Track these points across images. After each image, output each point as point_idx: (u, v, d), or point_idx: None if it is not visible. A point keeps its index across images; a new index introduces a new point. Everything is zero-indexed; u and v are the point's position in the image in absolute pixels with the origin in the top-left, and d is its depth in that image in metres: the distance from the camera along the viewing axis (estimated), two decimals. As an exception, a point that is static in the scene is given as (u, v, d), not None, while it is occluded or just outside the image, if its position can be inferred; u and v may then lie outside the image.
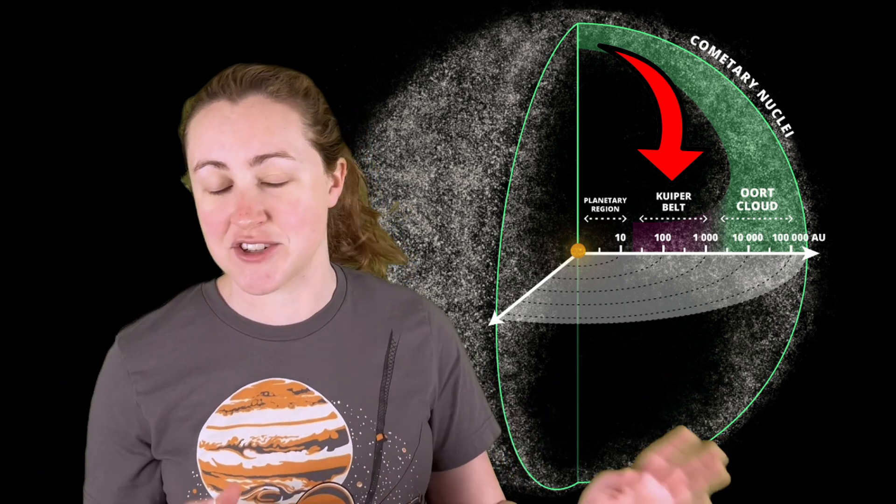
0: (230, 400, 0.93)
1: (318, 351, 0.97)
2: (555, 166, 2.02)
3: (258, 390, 0.94)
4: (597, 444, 2.05)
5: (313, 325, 0.98)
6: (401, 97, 2.01)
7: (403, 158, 2.01)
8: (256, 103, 0.90)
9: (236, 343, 0.96)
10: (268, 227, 0.89)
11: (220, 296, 1.00)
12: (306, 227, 0.91)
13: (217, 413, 0.93)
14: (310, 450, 0.93)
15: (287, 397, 0.95)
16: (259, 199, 0.88)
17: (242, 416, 0.93)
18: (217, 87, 0.91)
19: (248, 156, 0.87)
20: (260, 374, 0.95)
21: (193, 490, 0.92)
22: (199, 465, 0.92)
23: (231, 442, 0.92)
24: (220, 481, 0.92)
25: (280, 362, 0.96)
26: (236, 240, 0.89)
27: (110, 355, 0.97)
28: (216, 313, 0.98)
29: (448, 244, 2.03)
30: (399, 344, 1.01)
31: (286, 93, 0.92)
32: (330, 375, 0.96)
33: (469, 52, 2.01)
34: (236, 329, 0.97)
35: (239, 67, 0.92)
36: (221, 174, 0.88)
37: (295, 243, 0.90)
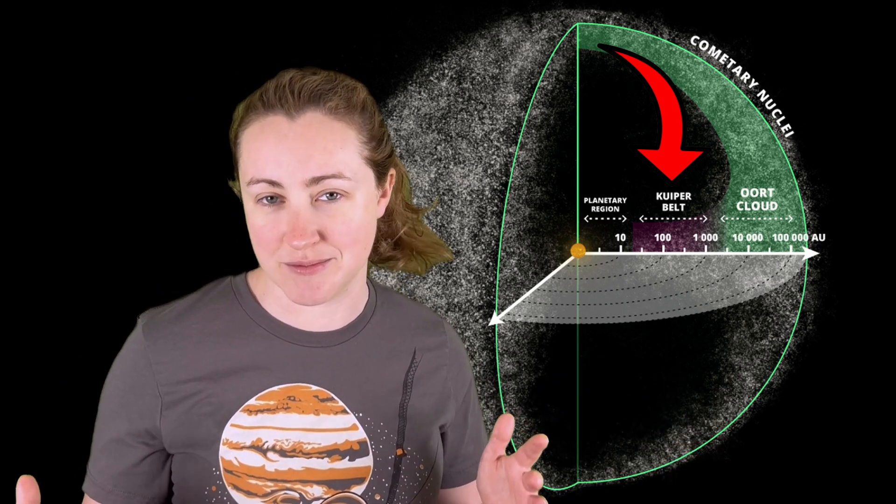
0: (255, 400, 0.93)
1: (346, 361, 0.97)
2: (555, 166, 2.02)
3: (285, 394, 0.94)
4: (597, 444, 2.05)
5: (344, 335, 0.98)
6: (401, 97, 2.01)
7: (403, 158, 2.01)
8: (314, 121, 0.88)
9: (265, 344, 0.95)
10: (322, 247, 0.88)
11: (252, 293, 0.98)
12: (359, 245, 0.91)
13: (241, 412, 0.92)
14: (331, 458, 0.93)
15: (313, 404, 0.94)
16: (313, 220, 0.87)
17: (267, 419, 0.93)
18: (274, 99, 0.89)
19: (304, 177, 0.86)
20: (287, 378, 0.94)
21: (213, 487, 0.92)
22: (222, 462, 0.92)
23: (255, 443, 0.92)
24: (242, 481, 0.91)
25: (308, 368, 0.95)
26: (290, 260, 0.88)
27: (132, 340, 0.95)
28: (246, 311, 0.97)
29: (448, 244, 2.03)
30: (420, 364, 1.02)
31: (344, 109, 0.90)
32: (354, 387, 0.96)
33: (469, 52, 2.01)
34: (266, 329, 0.96)
35: (296, 77, 0.91)
36: (276, 191, 0.87)
37: (347, 259, 0.90)
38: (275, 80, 0.91)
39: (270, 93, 0.90)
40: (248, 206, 0.91)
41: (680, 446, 2.04)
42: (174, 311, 0.97)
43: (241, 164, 0.91)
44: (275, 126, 0.88)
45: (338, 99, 0.90)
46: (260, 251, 0.90)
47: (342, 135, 0.89)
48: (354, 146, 0.90)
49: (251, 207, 0.90)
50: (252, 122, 0.90)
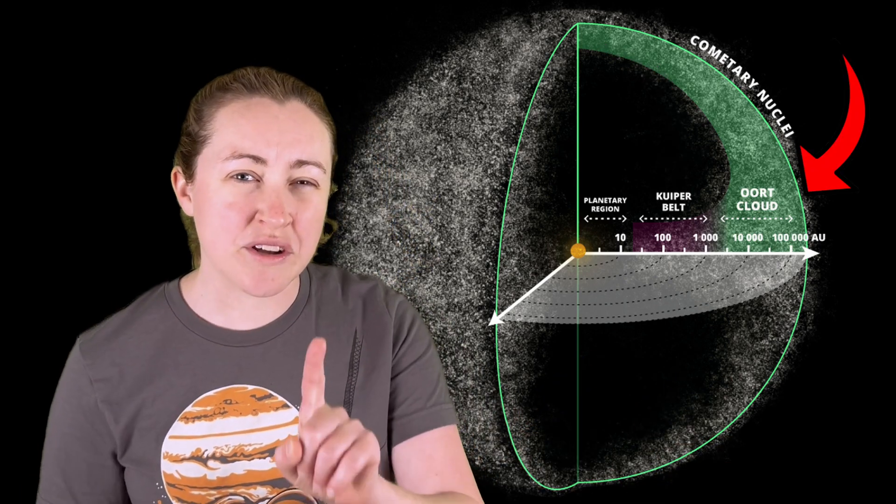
0: (192, 407, 0.93)
1: (282, 355, 0.96)
2: (555, 166, 2.02)
3: (221, 398, 0.93)
4: (597, 444, 2.05)
5: (276, 329, 0.97)
6: (401, 97, 2.01)
7: (403, 158, 2.01)
8: (301, 110, 0.92)
9: (199, 349, 0.95)
10: (289, 231, 0.89)
11: (184, 299, 0.98)
12: (313, 238, 0.93)
13: (179, 421, 0.92)
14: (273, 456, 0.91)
15: (250, 404, 0.94)
16: (289, 202, 0.89)
17: (205, 426, 0.92)
18: (258, 83, 0.91)
19: (291, 158, 0.88)
20: (223, 381, 0.94)
21: (158, 501, 0.92)
22: (164, 476, 0.91)
23: (194, 453, 0.92)
24: (185, 493, 0.91)
25: (243, 368, 0.94)
26: (255, 240, 0.88)
27: (72, 360, 0.96)
28: (179, 318, 0.97)
29: (448, 244, 2.03)
30: (363, 342, 1.00)
31: (319, 107, 0.95)
32: (293, 379, 0.94)
33: (469, 52, 2.00)
34: (199, 335, 0.96)
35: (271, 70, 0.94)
36: (254, 168, 0.88)
37: (304, 251, 0.91)
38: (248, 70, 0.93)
39: (251, 77, 0.92)
40: (212, 183, 0.89)
41: (680, 446, 2.04)
42: (111, 326, 0.97)
43: (215, 140, 0.90)
44: (263, 106, 0.90)
45: (314, 97, 0.95)
46: (220, 234, 0.89)
47: (321, 129, 0.94)
48: (328, 143, 0.95)
49: (217, 185, 0.89)
50: (232, 101, 0.91)
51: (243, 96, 0.91)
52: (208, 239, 0.91)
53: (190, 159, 0.93)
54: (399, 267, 2.03)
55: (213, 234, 0.90)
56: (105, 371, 0.93)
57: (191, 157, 0.93)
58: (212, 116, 0.92)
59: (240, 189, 0.88)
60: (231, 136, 0.89)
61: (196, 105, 0.95)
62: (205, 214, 0.90)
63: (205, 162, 0.91)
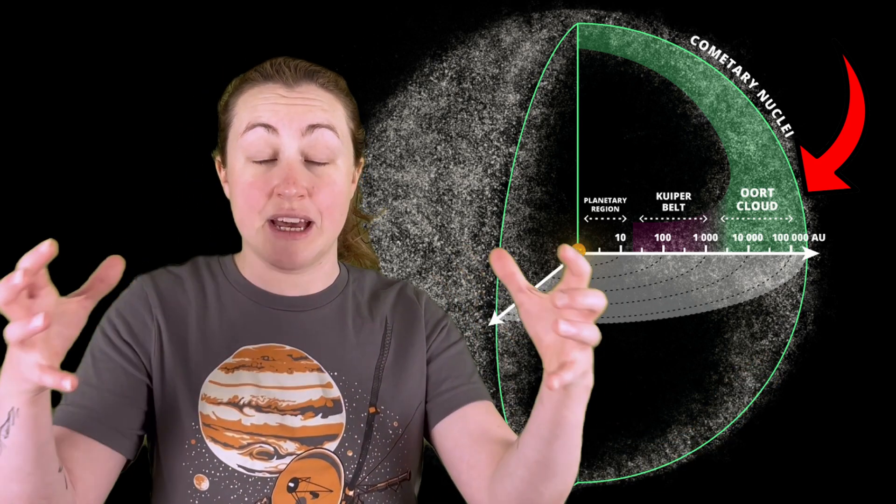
0: (232, 358, 0.96)
1: (320, 325, 1.02)
2: (555, 166, 2.02)
3: (259, 353, 0.98)
4: (597, 444, 2.05)
5: (319, 301, 1.03)
6: (401, 97, 2.01)
7: (403, 158, 2.01)
8: (310, 90, 0.99)
9: (244, 307, 1.01)
10: (307, 203, 0.95)
11: (236, 266, 1.05)
12: (337, 210, 0.98)
13: (219, 370, 0.96)
14: (305, 415, 0.96)
15: (286, 363, 0.98)
16: (303, 175, 0.94)
17: (244, 375, 0.96)
18: (272, 71, 0.98)
19: (301, 125, 0.95)
20: (262, 338, 0.98)
21: (192, 440, 0.94)
22: (200, 416, 0.94)
23: (232, 399, 0.95)
24: (219, 434, 0.94)
25: (282, 330, 1.00)
26: (276, 213, 0.94)
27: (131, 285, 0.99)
28: (229, 280, 1.03)
29: (448, 244, 2.03)
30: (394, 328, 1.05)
31: (333, 86, 1.01)
32: (328, 349, 1.00)
33: (469, 52, 2.01)
34: (246, 296, 1.01)
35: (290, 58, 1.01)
36: (269, 141, 0.95)
37: (326, 224, 0.97)
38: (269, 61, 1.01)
39: (267, 67, 0.99)
40: (237, 165, 0.97)
41: (680, 446, 2.04)
42: (167, 272, 1.03)
43: (235, 123, 0.98)
44: (274, 90, 0.97)
45: (327, 78, 1.01)
46: (245, 212, 0.96)
47: (333, 103, 1.00)
48: (342, 115, 1.01)
49: (241, 166, 0.96)
50: (249, 88, 0.99)
51: (258, 83, 0.99)
52: (238, 218, 0.99)
53: (223, 146, 1.02)
54: (399, 267, 2.03)
55: (240, 213, 0.97)
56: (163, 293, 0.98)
57: (223, 145, 1.02)
58: (234, 104, 1.00)
59: (258, 169, 0.95)
60: (245, 114, 0.97)
61: (224, 98, 1.03)
62: (234, 196, 0.98)
63: (231, 146, 0.99)
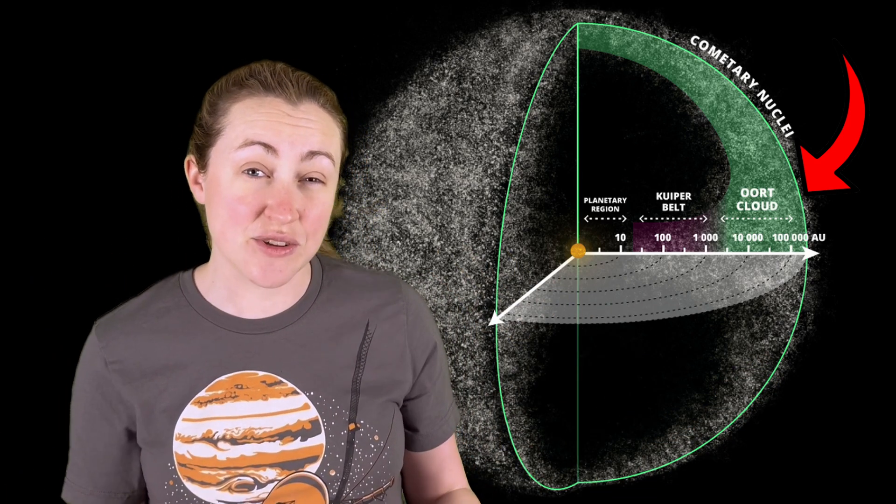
0: (205, 392, 0.95)
1: (292, 344, 0.99)
2: (555, 166, 2.02)
3: (232, 382, 0.96)
4: (597, 444, 2.05)
5: (287, 319, 1.00)
6: (401, 97, 2.01)
7: (403, 158, 2.01)
8: (313, 111, 0.94)
9: (211, 335, 0.98)
10: (296, 227, 0.92)
11: (197, 288, 1.01)
12: (321, 231, 0.96)
13: (192, 405, 0.95)
14: (283, 440, 0.95)
15: (260, 389, 0.97)
16: (297, 198, 0.91)
17: (216, 409, 0.95)
18: (273, 83, 0.93)
19: (302, 150, 0.91)
20: (234, 367, 0.97)
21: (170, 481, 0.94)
22: (175, 457, 0.94)
23: (205, 434, 0.94)
24: (195, 472, 0.94)
25: (253, 354, 0.97)
26: (263, 234, 0.91)
27: (88, 343, 0.99)
28: (192, 305, 1.00)
29: (448, 244, 2.03)
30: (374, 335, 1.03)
31: (331, 106, 0.97)
32: (303, 367, 0.98)
33: (469, 52, 2.00)
34: (211, 321, 0.99)
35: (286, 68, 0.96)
36: (266, 160, 0.91)
37: (310, 245, 0.94)
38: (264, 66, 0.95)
39: (267, 75, 0.94)
40: (223, 177, 0.92)
41: (680, 446, 2.04)
42: (125, 311, 1.00)
43: (228, 132, 0.93)
44: (276, 106, 0.92)
45: (327, 97, 0.97)
46: (229, 225, 0.92)
47: (332, 127, 0.96)
48: (338, 139, 0.98)
49: (230, 178, 0.92)
50: (246, 97, 0.93)
51: (258, 94, 0.93)
52: (218, 230, 0.94)
53: (203, 150, 0.96)
54: (399, 267, 2.03)
55: (222, 225, 0.92)
56: (120, 353, 0.96)
57: (204, 149, 0.96)
58: (226, 110, 0.94)
59: (250, 184, 0.91)
60: (244, 128, 0.92)
61: (211, 98, 0.97)
62: (215, 206, 0.93)
63: (217, 154, 0.93)
